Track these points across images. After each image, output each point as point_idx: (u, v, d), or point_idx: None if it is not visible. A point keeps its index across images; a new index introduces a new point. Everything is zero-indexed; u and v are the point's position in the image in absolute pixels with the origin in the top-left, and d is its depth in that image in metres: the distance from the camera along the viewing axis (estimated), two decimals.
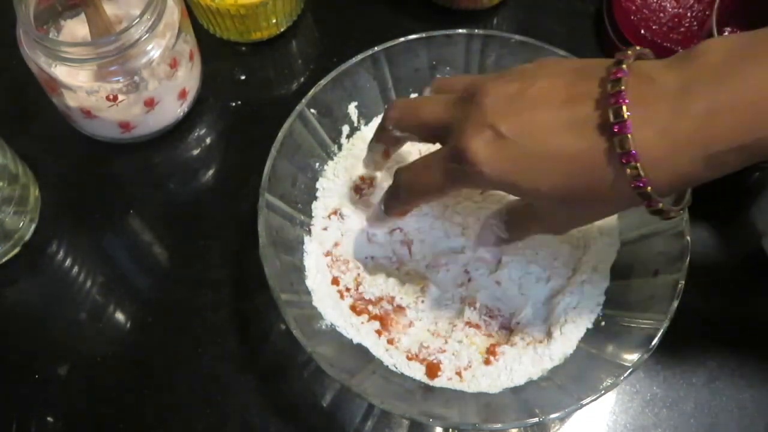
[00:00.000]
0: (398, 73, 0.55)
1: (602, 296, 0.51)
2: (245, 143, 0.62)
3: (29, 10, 0.53)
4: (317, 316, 0.49)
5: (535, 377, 0.49)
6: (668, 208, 0.37)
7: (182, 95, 0.60)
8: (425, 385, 0.49)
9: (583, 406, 0.43)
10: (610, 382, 0.44)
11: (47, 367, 0.54)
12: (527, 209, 0.43)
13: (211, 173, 0.62)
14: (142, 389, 0.54)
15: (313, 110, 0.53)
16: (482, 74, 0.50)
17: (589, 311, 0.50)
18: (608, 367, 0.46)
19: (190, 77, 0.60)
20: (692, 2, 0.63)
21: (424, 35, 0.54)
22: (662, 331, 0.45)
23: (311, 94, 0.52)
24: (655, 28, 0.61)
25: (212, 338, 0.55)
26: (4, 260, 0.57)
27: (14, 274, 0.57)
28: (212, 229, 0.59)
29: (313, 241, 0.53)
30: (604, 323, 0.50)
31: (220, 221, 0.59)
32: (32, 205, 0.58)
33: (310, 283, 0.51)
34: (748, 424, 0.53)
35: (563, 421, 0.53)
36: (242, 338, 0.55)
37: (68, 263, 0.58)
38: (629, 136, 0.34)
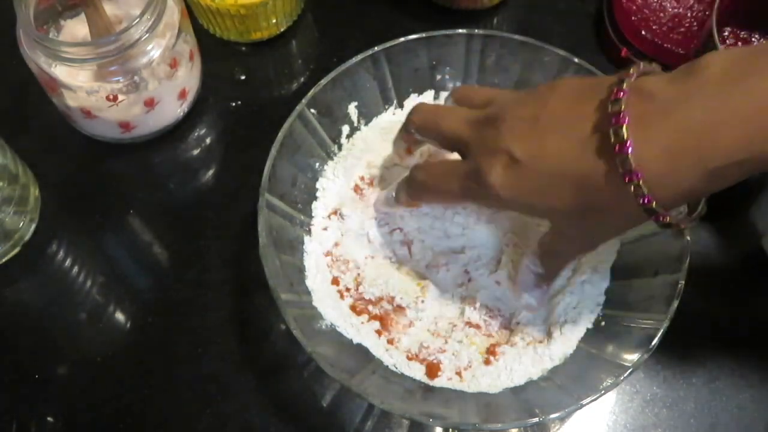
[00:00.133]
0: (398, 73, 0.55)
1: (602, 296, 0.51)
2: (245, 143, 0.62)
3: (29, 10, 0.53)
4: (317, 316, 0.49)
5: (535, 377, 0.49)
6: (677, 220, 0.38)
7: (182, 95, 0.60)
8: (425, 385, 0.49)
9: (583, 406, 0.43)
10: (610, 382, 0.44)
11: (47, 367, 0.54)
12: (552, 237, 0.44)
13: (211, 173, 0.62)
14: (142, 389, 0.54)
15: (313, 110, 0.53)
16: (499, 89, 0.51)
17: (589, 311, 0.50)
18: (608, 367, 0.46)
19: (190, 77, 0.60)
20: (692, 2, 0.63)
21: (424, 35, 0.54)
22: (662, 331, 0.45)
23: (311, 94, 0.52)
24: (655, 28, 0.61)
25: (212, 338, 0.55)
26: (4, 260, 0.57)
27: (14, 274, 0.57)
28: (212, 229, 0.59)
29: (313, 241, 0.53)
30: (604, 323, 0.50)
31: (220, 221, 0.59)
32: (32, 205, 0.58)
33: (310, 283, 0.51)
34: (748, 424, 0.53)
35: (563, 421, 0.53)
36: (242, 338, 0.55)
37: (68, 263, 0.58)
38: (630, 155, 0.35)
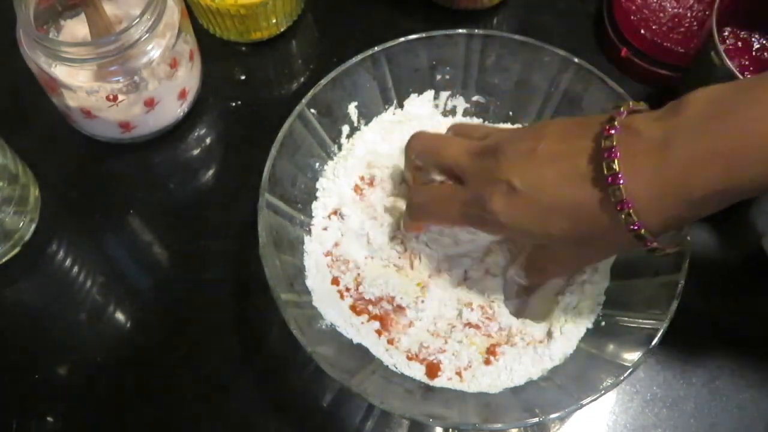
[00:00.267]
0: (398, 73, 0.55)
1: (602, 296, 0.51)
2: (245, 143, 0.62)
3: (29, 10, 0.53)
4: (317, 316, 0.49)
5: (535, 377, 0.49)
6: (663, 246, 0.41)
7: (182, 95, 0.60)
8: (425, 385, 0.49)
9: (583, 406, 0.43)
10: (610, 382, 0.44)
11: (47, 367, 0.54)
12: (542, 253, 0.47)
13: (211, 173, 0.62)
14: (142, 389, 0.54)
15: (313, 110, 0.53)
16: (496, 127, 0.57)
17: (589, 311, 0.50)
18: (608, 367, 0.46)
19: (190, 77, 0.60)
20: (692, 2, 0.63)
21: (424, 35, 0.54)
22: (662, 331, 0.45)
23: (311, 94, 0.52)
24: (655, 28, 0.61)
25: (212, 338, 0.55)
26: (4, 260, 0.57)
27: (14, 274, 0.57)
28: (212, 228, 0.59)
29: (313, 241, 0.53)
30: (604, 323, 0.50)
31: (220, 221, 0.59)
32: (32, 205, 0.58)
33: (310, 283, 0.51)
34: (748, 424, 0.53)
35: (563, 421, 0.53)
36: (242, 338, 0.55)
37: (68, 263, 0.58)
38: (621, 187, 0.38)
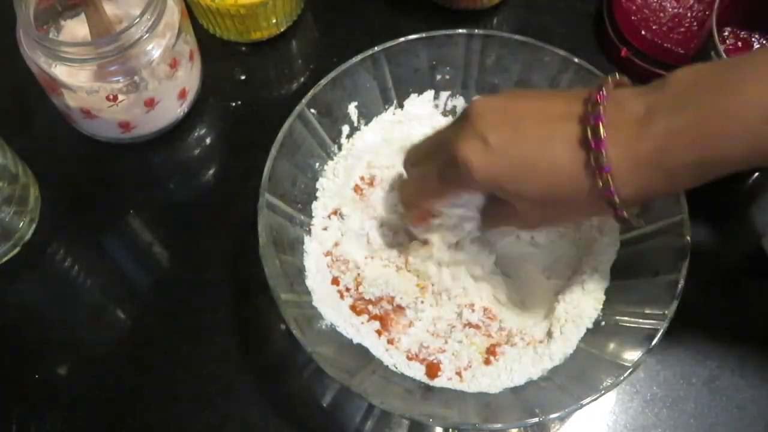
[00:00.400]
0: (398, 73, 0.55)
1: (602, 296, 0.51)
2: (245, 143, 0.62)
3: (29, 10, 0.53)
4: (317, 316, 0.49)
5: (535, 377, 0.49)
6: (631, 218, 0.41)
7: (182, 95, 0.60)
8: (425, 385, 0.49)
9: (583, 406, 0.43)
10: (610, 382, 0.44)
11: (47, 367, 0.54)
12: (507, 210, 0.46)
13: (211, 173, 0.62)
14: (142, 389, 0.54)
15: (313, 110, 0.53)
16: None
17: (589, 311, 0.50)
18: (608, 367, 0.46)
19: (190, 77, 0.60)
20: (692, 2, 0.63)
21: (424, 35, 0.54)
22: (662, 331, 0.45)
23: (311, 94, 0.52)
24: (655, 28, 0.61)
25: (212, 338, 0.55)
26: (4, 260, 0.57)
27: (14, 274, 0.57)
28: (212, 229, 0.59)
29: (313, 241, 0.53)
30: (604, 323, 0.50)
31: (220, 221, 0.59)
32: (32, 205, 0.58)
33: (310, 283, 0.51)
34: (748, 424, 0.53)
35: (563, 421, 0.53)
36: (242, 338, 0.55)
37: (68, 263, 0.58)
38: (604, 152, 0.39)
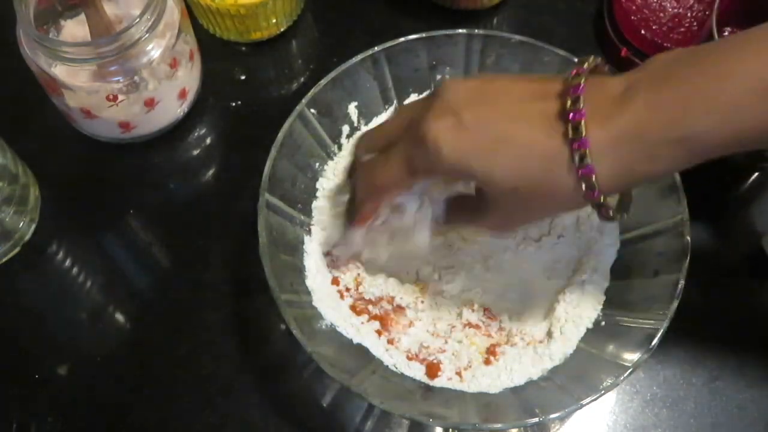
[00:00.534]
0: (398, 73, 0.55)
1: (602, 296, 0.51)
2: (245, 143, 0.62)
3: (29, 10, 0.53)
4: (317, 316, 0.49)
5: (535, 377, 0.49)
6: (609, 205, 0.40)
7: (182, 95, 0.60)
8: (425, 385, 0.49)
9: (583, 406, 0.43)
10: (610, 382, 0.44)
11: (47, 367, 0.54)
12: (471, 199, 0.45)
13: (211, 173, 0.62)
14: (142, 389, 0.54)
15: (313, 110, 0.53)
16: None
17: (589, 311, 0.50)
18: (608, 367, 0.46)
19: (190, 77, 0.60)
20: (692, 2, 0.63)
21: (424, 35, 0.54)
22: (662, 331, 0.45)
23: (311, 94, 0.52)
24: (655, 28, 0.61)
25: (212, 338, 0.55)
26: (4, 260, 0.57)
27: (14, 274, 0.57)
28: (212, 229, 0.59)
29: (313, 241, 0.53)
30: (604, 323, 0.50)
31: (220, 221, 0.59)
32: (32, 205, 0.58)
33: (310, 283, 0.51)
34: (748, 424, 0.53)
35: (563, 421, 0.53)
36: (242, 338, 0.55)
37: (68, 263, 0.58)
38: (583, 122, 0.37)
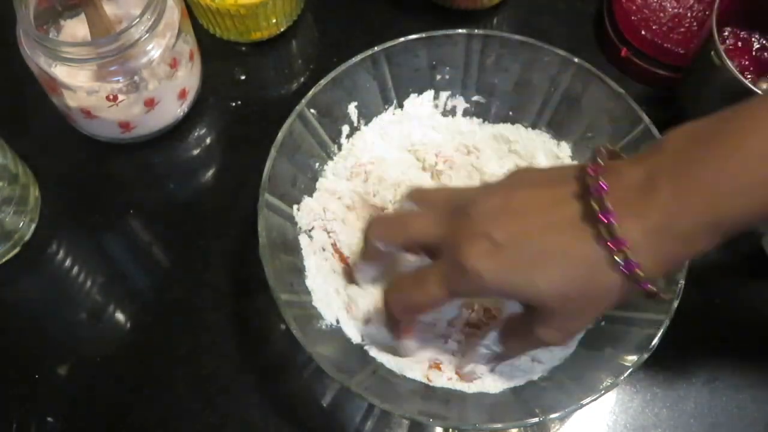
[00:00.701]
0: (398, 73, 0.55)
1: None
2: (245, 143, 0.62)
3: (29, 10, 0.53)
4: (317, 316, 0.49)
5: (535, 377, 0.48)
6: (659, 290, 0.39)
7: (182, 95, 0.60)
8: (425, 385, 0.49)
9: (583, 406, 0.43)
10: (610, 382, 0.44)
11: (47, 367, 0.54)
12: (523, 319, 0.44)
13: (211, 173, 0.62)
14: (142, 389, 0.54)
15: (313, 110, 0.53)
16: (456, 187, 0.52)
17: None
18: (608, 367, 0.46)
19: (190, 77, 0.60)
20: (692, 2, 0.63)
21: (424, 35, 0.54)
22: (662, 331, 0.45)
23: (311, 94, 0.52)
24: (655, 28, 0.61)
25: (212, 338, 0.55)
26: (4, 260, 0.57)
27: (14, 274, 0.57)
28: (212, 229, 0.59)
29: (313, 241, 0.53)
30: (604, 323, 0.50)
31: (220, 221, 0.59)
32: (32, 205, 0.58)
33: (310, 283, 0.51)
34: (748, 424, 0.53)
35: (563, 421, 0.53)
36: (242, 338, 0.55)
37: (68, 263, 0.58)
38: (615, 223, 0.36)
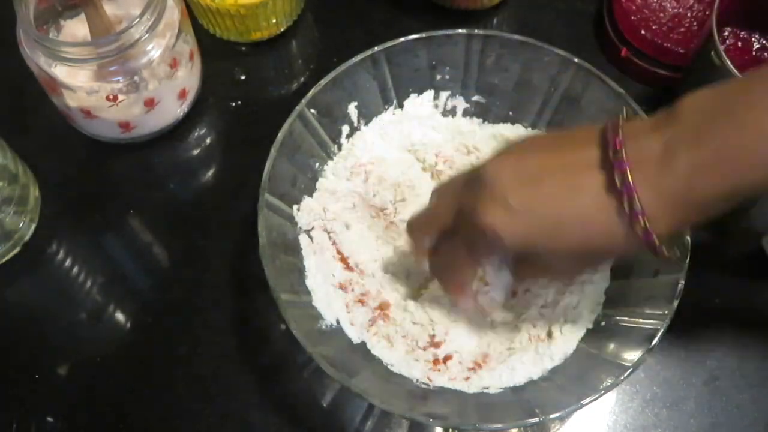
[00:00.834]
0: (398, 73, 0.55)
1: (602, 296, 0.51)
2: (245, 143, 0.62)
3: (29, 10, 0.53)
4: (317, 316, 0.49)
5: (535, 377, 0.49)
6: (669, 253, 0.40)
7: (182, 95, 0.60)
8: (425, 385, 0.49)
9: (583, 406, 0.43)
10: (610, 382, 0.44)
11: (47, 367, 0.54)
12: (536, 257, 0.45)
13: (211, 173, 0.62)
14: (142, 389, 0.54)
15: (313, 110, 0.53)
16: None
17: (589, 311, 0.50)
18: (608, 367, 0.46)
19: (190, 77, 0.60)
20: (692, 2, 0.63)
21: (424, 35, 0.54)
22: (662, 331, 0.45)
23: (311, 94, 0.52)
24: (655, 28, 0.61)
25: (212, 338, 0.55)
26: (4, 260, 0.57)
27: (14, 274, 0.57)
28: (212, 229, 0.59)
29: (313, 241, 0.53)
30: (604, 323, 0.50)
31: (220, 221, 0.59)
32: (32, 205, 0.58)
33: (310, 283, 0.51)
34: (748, 424, 0.53)
35: (563, 421, 0.53)
36: (242, 338, 0.55)
37: (68, 263, 0.58)
38: (636, 196, 0.37)
